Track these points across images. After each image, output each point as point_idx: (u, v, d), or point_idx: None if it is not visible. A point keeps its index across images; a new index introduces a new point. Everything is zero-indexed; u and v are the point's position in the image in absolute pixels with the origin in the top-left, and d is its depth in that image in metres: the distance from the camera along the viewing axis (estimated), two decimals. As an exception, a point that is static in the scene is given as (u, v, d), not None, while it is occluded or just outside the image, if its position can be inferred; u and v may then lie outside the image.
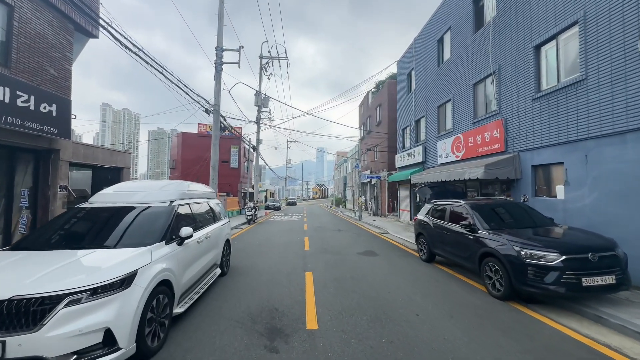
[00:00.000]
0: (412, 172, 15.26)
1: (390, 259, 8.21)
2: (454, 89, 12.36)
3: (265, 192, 48.51)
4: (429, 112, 14.83)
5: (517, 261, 4.68)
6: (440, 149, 13.32)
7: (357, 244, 10.61)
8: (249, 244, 10.61)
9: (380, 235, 13.38)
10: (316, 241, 11.26)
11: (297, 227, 16.60)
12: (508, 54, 9.14)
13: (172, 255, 3.85)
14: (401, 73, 19.09)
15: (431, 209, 7.88)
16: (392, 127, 21.90)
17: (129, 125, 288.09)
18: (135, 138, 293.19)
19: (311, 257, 8.38)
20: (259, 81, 24.89)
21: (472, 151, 10.85)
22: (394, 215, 20.97)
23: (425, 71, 15.28)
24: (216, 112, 13.17)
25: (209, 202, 6.27)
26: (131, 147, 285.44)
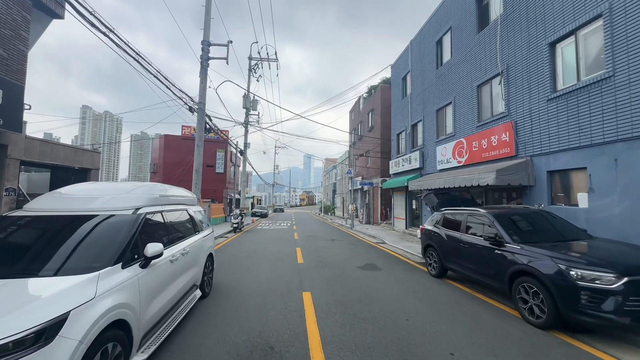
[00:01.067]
0: (409, 179, 14.56)
1: (396, 274, 7.32)
2: (455, 92, 11.79)
3: (252, 199, 47.06)
4: (426, 116, 14.25)
5: (564, 283, 3.88)
6: (439, 154, 12.68)
7: (355, 256, 9.68)
8: (235, 256, 9.50)
9: (377, 245, 12.51)
10: (310, 252, 10.26)
11: (287, 236, 15.53)
12: (517, 53, 8.59)
13: (132, 282, 2.81)
14: (396, 77, 18.58)
15: (442, 219, 7.08)
16: (386, 133, 21.32)
17: (111, 128, 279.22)
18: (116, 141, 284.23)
19: (307, 272, 7.39)
20: (248, 83, 23.93)
21: (476, 156, 10.22)
22: (387, 224, 20.21)
23: (422, 74, 14.76)
24: (201, 110, 12.10)
25: (188, 209, 5.22)
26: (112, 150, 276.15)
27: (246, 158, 23.55)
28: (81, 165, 8.32)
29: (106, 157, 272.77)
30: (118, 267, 2.73)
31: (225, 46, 12.70)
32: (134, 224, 3.23)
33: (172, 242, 4.02)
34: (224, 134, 20.86)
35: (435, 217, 7.40)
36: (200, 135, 12.21)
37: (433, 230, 7.20)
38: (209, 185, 26.53)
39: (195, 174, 12.05)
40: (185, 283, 4.28)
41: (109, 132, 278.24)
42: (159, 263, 3.42)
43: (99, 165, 9.00)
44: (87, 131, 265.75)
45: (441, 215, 7.18)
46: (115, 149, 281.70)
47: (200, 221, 5.71)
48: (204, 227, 5.87)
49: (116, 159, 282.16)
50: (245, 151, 23.29)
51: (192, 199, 5.69)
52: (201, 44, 12.24)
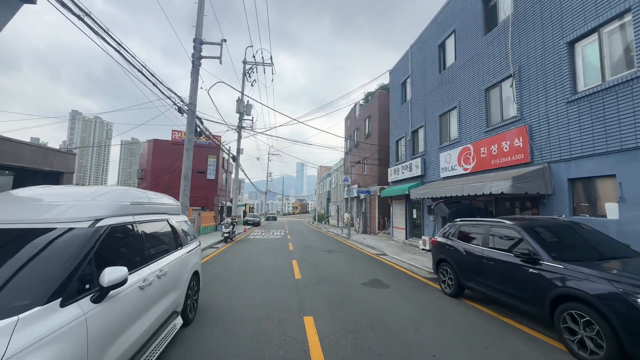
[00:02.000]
0: (410, 187, 13.92)
1: (406, 292, 6.54)
2: (461, 96, 11.29)
3: (244, 207, 45.92)
4: (428, 122, 13.72)
5: (630, 312, 3.18)
6: (443, 161, 12.09)
7: (357, 270, 8.89)
8: (225, 270, 8.60)
9: (378, 257, 11.74)
10: (307, 266, 9.43)
11: (281, 246, 14.64)
12: (531, 54, 8.10)
13: (75, 326, 1.99)
14: (395, 82, 18.14)
15: (457, 230, 6.37)
16: (383, 139, 20.78)
17: (100, 133, 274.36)
18: (106, 148, 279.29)
19: (306, 289, 6.56)
20: (242, 87, 23.24)
21: (485, 163, 9.63)
22: (385, 233, 19.48)
23: (423, 78, 14.29)
24: (191, 112, 11.30)
25: (170, 219, 4.40)
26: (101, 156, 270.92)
27: (239, 164, 22.68)
28: (52, 168, 7.39)
29: (95, 163, 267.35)
30: (55, 305, 1.91)
31: (219, 45, 12.02)
32: (89, 240, 2.41)
33: (145, 261, 3.20)
34: (216, 140, 20.03)
35: (449, 229, 6.70)
36: (189, 139, 11.37)
37: (447, 243, 6.48)
38: (200, 193, 25.50)
39: (184, 179, 11.17)
40: (162, 312, 3.43)
41: (98, 137, 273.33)
42: (123, 292, 2.60)
43: (73, 168, 8.07)
44: (75, 136, 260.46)
45: (456, 226, 6.48)
46: (104, 154, 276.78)
47: (185, 233, 4.88)
48: (189, 239, 5.04)
49: (105, 165, 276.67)
50: (238, 157, 22.44)
51: (175, 207, 4.86)
52: (193, 42, 11.53)
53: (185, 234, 4.91)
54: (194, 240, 5.30)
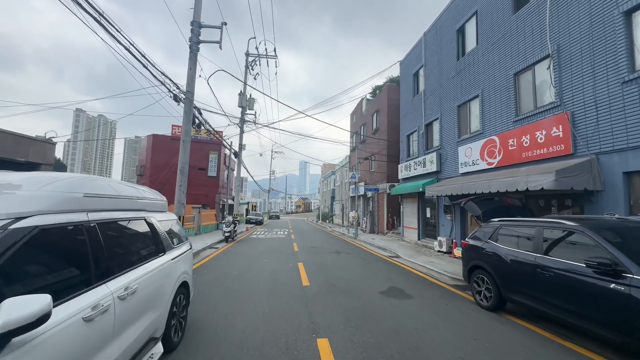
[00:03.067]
0: (425, 184, 12.91)
1: (434, 304, 5.57)
2: (483, 83, 10.25)
3: (247, 205, 45.10)
4: (445, 114, 12.69)
5: None
6: (462, 155, 11.07)
7: (372, 275, 7.93)
8: (223, 275, 7.67)
9: (391, 259, 10.77)
10: (315, 269, 8.48)
11: (285, 247, 13.71)
12: (574, 30, 7.07)
13: None
14: (406, 74, 17.10)
15: (496, 232, 5.38)
16: (393, 135, 19.76)
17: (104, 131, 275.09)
18: (110, 145, 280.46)
19: (316, 300, 5.61)
20: (244, 80, 22.32)
21: (514, 156, 8.62)
22: (394, 233, 18.49)
23: (439, 67, 13.25)
24: (188, 100, 10.39)
25: (150, 218, 3.46)
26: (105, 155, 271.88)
27: (241, 161, 21.78)
28: (26, 158, 6.49)
29: (99, 162, 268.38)
30: None
31: (219, 28, 11.07)
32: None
33: (100, 278, 2.26)
34: (218, 135, 19.12)
35: (485, 230, 5.71)
36: (187, 130, 10.46)
37: (483, 247, 5.50)
38: (201, 190, 24.65)
39: (180, 174, 10.26)
40: (129, 345, 2.49)
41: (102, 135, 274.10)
42: (47, 334, 1.66)
43: (52, 159, 7.17)
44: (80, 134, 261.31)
45: (494, 227, 5.49)
46: (108, 153, 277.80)
47: (171, 235, 3.95)
48: (177, 243, 4.10)
49: (109, 164, 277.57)
50: (240, 153, 21.52)
51: (158, 203, 3.92)
52: (191, 25, 10.60)
53: (172, 236, 3.98)
54: (183, 243, 4.36)
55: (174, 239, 4.03)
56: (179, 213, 10.04)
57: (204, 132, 26.63)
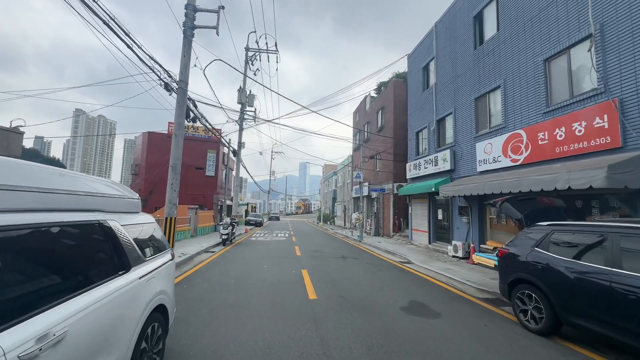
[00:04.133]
0: (437, 183, 11.97)
1: (468, 325, 4.62)
2: (506, 72, 9.33)
3: (246, 206, 44.14)
4: (459, 108, 11.77)
5: None
6: (481, 152, 10.14)
7: (387, 286, 6.97)
8: (218, 284, 6.72)
9: (403, 266, 9.82)
10: (321, 278, 7.52)
11: (287, 250, 12.75)
12: (622, 6, 6.15)
13: None
14: (414, 67, 16.18)
15: (547, 239, 4.44)
16: (399, 132, 18.84)
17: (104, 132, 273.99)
18: (109, 146, 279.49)
19: (327, 320, 4.66)
20: (244, 76, 21.43)
21: (544, 151, 7.68)
22: (401, 236, 17.53)
23: (453, 58, 12.34)
24: (182, 90, 9.46)
25: (108, 222, 2.51)
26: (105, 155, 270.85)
27: (240, 159, 20.84)
28: (-16, 149, 5.55)
29: (98, 162, 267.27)
30: None
31: (216, 12, 10.16)
32: None
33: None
34: (216, 132, 18.17)
35: (530, 236, 4.76)
36: (179, 123, 9.52)
37: (530, 257, 4.55)
38: (198, 190, 23.71)
39: (172, 171, 9.32)
40: None
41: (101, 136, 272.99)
42: None
43: (19, 151, 6.24)
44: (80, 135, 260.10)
45: (544, 232, 4.55)
46: (108, 153, 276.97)
47: (141, 245, 2.99)
48: (151, 253, 3.15)
49: (108, 164, 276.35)
50: (239, 151, 20.59)
51: (122, 202, 2.96)
52: (185, 9, 9.69)
53: (143, 245, 3.03)
54: (161, 253, 3.41)
55: (147, 248, 3.09)
56: (170, 214, 9.10)
57: (202, 129, 25.73)
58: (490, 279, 7.71)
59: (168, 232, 8.92)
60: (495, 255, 8.99)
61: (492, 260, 8.89)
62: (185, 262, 9.57)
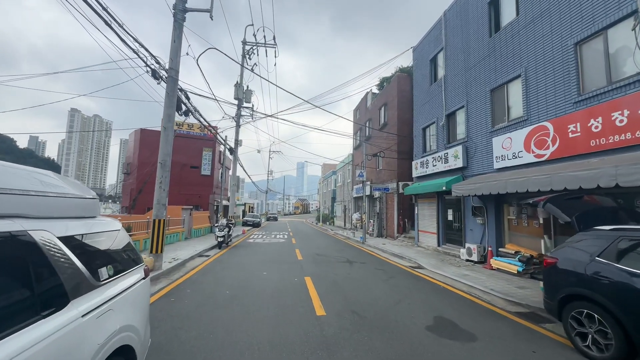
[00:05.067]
0: (449, 182, 11.17)
1: (515, 353, 3.79)
2: (528, 60, 8.54)
3: (244, 206, 43.21)
4: (472, 100, 10.97)
5: None
6: (499, 147, 9.34)
7: (404, 298, 6.13)
8: (211, 297, 5.85)
9: (415, 271, 9.00)
10: (328, 288, 6.68)
11: (287, 254, 11.89)
12: (674, -25, 5.36)
13: None
14: (420, 60, 15.38)
15: (613, 247, 3.62)
16: (404, 129, 18.04)
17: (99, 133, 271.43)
18: (105, 146, 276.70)
19: (341, 345, 3.81)
20: (241, 71, 20.55)
21: (576, 145, 6.89)
22: (406, 238, 16.73)
23: (465, 48, 11.54)
24: (172, 79, 8.58)
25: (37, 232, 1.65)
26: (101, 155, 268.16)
27: (237, 158, 19.94)
28: None
29: (94, 162, 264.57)
30: None
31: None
32: None
33: None
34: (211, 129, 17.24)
35: (589, 243, 3.94)
36: (169, 114, 8.64)
37: (590, 268, 3.73)
38: (193, 190, 22.78)
39: (161, 168, 8.45)
40: None
41: (97, 135, 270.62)
42: None
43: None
44: (75, 135, 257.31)
45: (608, 239, 3.73)
46: (103, 153, 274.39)
47: (89, 264, 2.11)
48: (112, 273, 2.28)
49: (104, 164, 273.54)
50: (236, 149, 19.69)
51: (65, 202, 2.08)
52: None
53: (98, 263, 2.16)
54: (127, 272, 2.54)
55: (105, 268, 2.22)
56: (159, 216, 8.22)
57: (198, 127, 24.77)
58: (517, 287, 6.91)
59: (157, 236, 8.04)
60: (518, 260, 8.23)
61: (513, 266, 8.10)
62: (177, 269, 8.69)
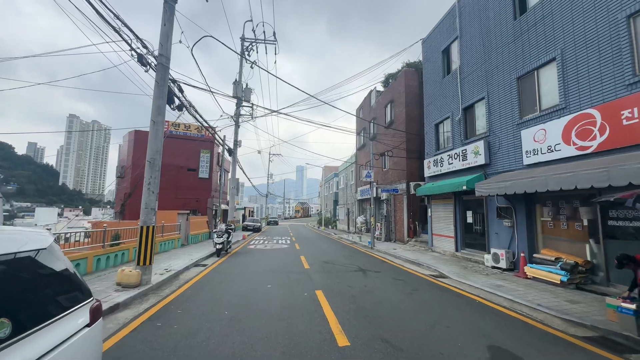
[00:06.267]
0: (470, 180, 10.16)
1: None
2: (564, 40, 7.57)
3: (244, 210, 42.10)
4: (494, 91, 9.99)
5: None
6: (530, 140, 8.34)
7: (440, 319, 5.07)
8: (205, 319, 4.78)
9: (438, 281, 7.95)
10: (345, 306, 5.61)
11: (292, 262, 10.82)
12: None
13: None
14: (431, 52, 14.44)
15: None
16: (413, 127, 17.06)
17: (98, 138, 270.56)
18: (104, 152, 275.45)
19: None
20: (240, 68, 19.61)
21: (634, 134, 5.89)
22: (418, 242, 15.66)
23: (484, 34, 10.59)
24: (162, 67, 7.57)
25: None
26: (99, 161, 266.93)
27: (236, 159, 18.92)
28: None
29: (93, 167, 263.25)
30: None
31: (204, -27, 8.31)
32: None
33: None
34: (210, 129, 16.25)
35: None
36: (159, 106, 7.62)
37: None
38: (190, 194, 21.73)
39: (149, 167, 7.41)
40: None
41: (96, 141, 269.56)
42: None
43: None
44: (73, 141, 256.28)
45: None
46: (102, 158, 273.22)
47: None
48: (7, 333, 1.23)
49: (103, 169, 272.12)
50: (235, 150, 18.68)
51: None
52: (165, -32, 7.83)
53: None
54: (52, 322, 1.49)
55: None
56: (147, 222, 7.16)
57: (195, 128, 23.76)
58: (567, 302, 5.86)
59: (144, 245, 6.98)
60: (560, 268, 7.17)
61: (555, 275, 7.06)
62: (168, 282, 7.63)
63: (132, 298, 6.01)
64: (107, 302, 5.48)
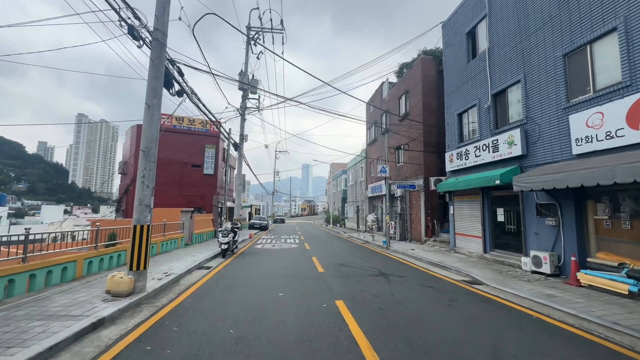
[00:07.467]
0: (503, 174, 9.04)
1: None
2: (628, 7, 6.40)
3: (250, 208, 41.33)
4: (533, 72, 8.83)
5: None
6: (582, 125, 7.18)
7: (500, 343, 4.02)
8: (205, 341, 3.81)
9: (474, 288, 6.89)
10: (375, 323, 4.59)
11: (304, 264, 9.85)
12: None
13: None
14: (453, 35, 13.26)
15: None
16: (430, 118, 15.92)
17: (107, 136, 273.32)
18: (112, 150, 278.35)
19: None
20: (246, 59, 18.67)
21: None
22: (437, 242, 14.55)
23: (520, 9, 9.40)
24: (158, 43, 6.61)
25: None
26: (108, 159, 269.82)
27: (242, 154, 18.00)
28: None
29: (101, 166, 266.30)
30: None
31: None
32: None
33: None
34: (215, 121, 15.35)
35: None
36: (154, 88, 6.68)
37: None
38: (195, 191, 20.92)
39: (144, 158, 6.51)
40: None
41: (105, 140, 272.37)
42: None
43: None
44: (82, 140, 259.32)
45: None
46: (110, 157, 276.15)
47: None
48: None
49: (111, 168, 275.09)
50: (241, 145, 17.75)
51: None
52: None
53: None
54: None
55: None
56: (141, 221, 6.22)
57: (199, 122, 22.93)
58: (651, 319, 4.75)
59: (138, 247, 6.05)
60: (627, 275, 6.05)
61: (621, 284, 5.93)
62: (167, 288, 6.72)
63: (122, 310, 5.09)
64: (89, 317, 4.56)
